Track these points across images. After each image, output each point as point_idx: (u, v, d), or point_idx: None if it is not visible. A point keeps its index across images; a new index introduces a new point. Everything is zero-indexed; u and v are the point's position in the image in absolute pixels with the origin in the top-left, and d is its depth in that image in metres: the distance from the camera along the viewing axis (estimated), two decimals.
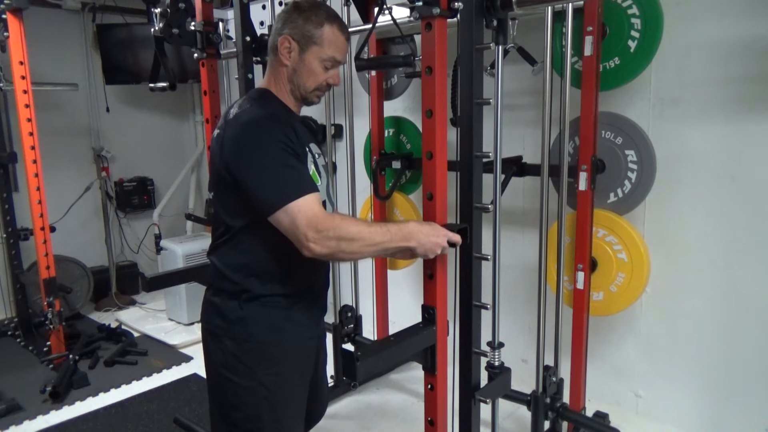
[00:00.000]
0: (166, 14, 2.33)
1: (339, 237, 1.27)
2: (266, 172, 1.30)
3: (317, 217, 1.28)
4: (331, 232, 1.27)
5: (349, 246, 1.29)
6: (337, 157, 3.46)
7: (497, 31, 1.48)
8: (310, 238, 1.26)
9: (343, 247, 1.28)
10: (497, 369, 1.64)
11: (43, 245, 3.18)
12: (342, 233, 1.28)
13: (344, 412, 2.70)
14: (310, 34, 1.41)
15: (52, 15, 4.03)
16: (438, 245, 1.35)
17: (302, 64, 1.43)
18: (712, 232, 2.24)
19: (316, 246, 1.27)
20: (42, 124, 3.23)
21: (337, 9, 2.65)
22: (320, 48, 1.42)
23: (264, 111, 1.39)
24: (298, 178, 1.31)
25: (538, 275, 2.16)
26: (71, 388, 2.99)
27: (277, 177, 1.30)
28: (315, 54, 1.42)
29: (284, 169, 1.30)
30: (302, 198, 1.28)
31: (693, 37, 2.18)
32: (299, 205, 1.27)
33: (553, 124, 2.11)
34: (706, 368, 2.32)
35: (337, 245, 1.28)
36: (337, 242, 1.28)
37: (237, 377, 1.42)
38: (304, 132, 1.47)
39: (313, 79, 1.44)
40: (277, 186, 1.29)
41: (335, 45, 1.43)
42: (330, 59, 1.44)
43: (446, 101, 1.47)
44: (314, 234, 1.26)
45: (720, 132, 2.17)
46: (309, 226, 1.26)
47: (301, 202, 1.28)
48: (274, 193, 1.29)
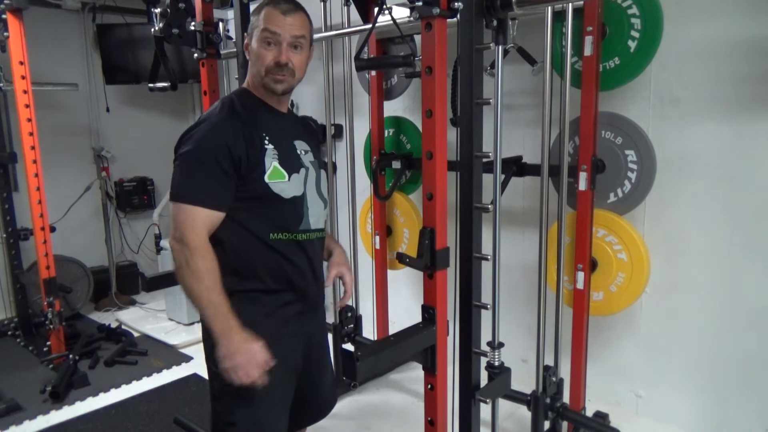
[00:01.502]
0: (166, 14, 2.32)
1: (186, 262, 1.33)
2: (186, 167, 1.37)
3: (193, 230, 1.33)
4: (187, 252, 1.32)
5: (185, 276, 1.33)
6: (337, 157, 3.46)
7: (497, 31, 1.48)
8: (176, 238, 1.33)
9: (181, 273, 1.34)
10: (497, 369, 1.64)
11: (43, 245, 3.18)
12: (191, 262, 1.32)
13: (344, 412, 2.70)
14: (252, 23, 1.47)
15: (52, 15, 4.03)
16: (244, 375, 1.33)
17: (252, 52, 1.47)
18: (712, 232, 2.24)
19: (175, 248, 1.34)
20: (42, 124, 3.23)
21: (337, 9, 2.69)
22: (258, 29, 1.45)
23: (217, 114, 1.43)
24: (208, 188, 1.36)
25: (538, 275, 2.16)
26: (71, 388, 2.99)
27: (192, 175, 1.36)
28: (256, 37, 1.45)
29: (202, 172, 1.35)
30: (198, 207, 1.34)
31: (693, 37, 2.18)
32: (191, 210, 1.34)
33: (553, 124, 2.11)
34: (706, 368, 2.32)
35: (180, 266, 1.33)
36: (182, 264, 1.33)
37: (217, 369, 1.42)
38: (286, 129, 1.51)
39: (260, 61, 1.45)
40: (188, 182, 1.36)
41: (267, 18, 1.44)
42: (265, 32, 1.43)
43: (446, 101, 1.47)
44: (179, 238, 1.33)
45: (720, 132, 2.17)
46: (181, 229, 1.33)
47: (195, 210, 1.34)
48: (181, 186, 1.36)
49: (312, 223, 1.50)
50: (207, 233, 1.36)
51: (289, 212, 1.46)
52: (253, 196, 1.41)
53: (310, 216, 1.49)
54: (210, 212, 1.36)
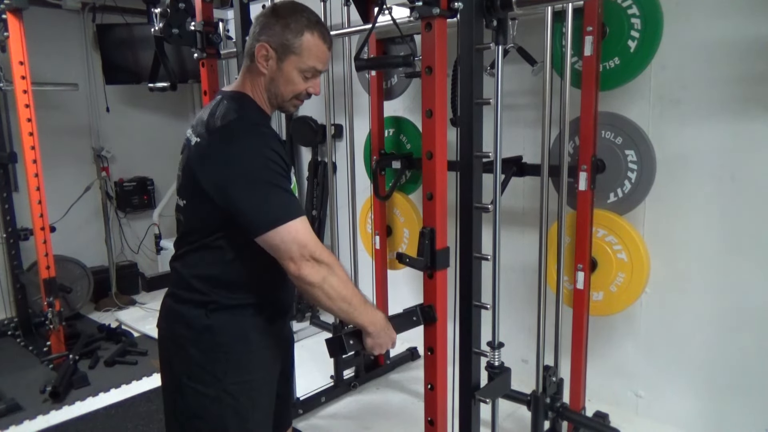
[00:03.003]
0: (166, 14, 2.33)
1: (332, 272, 1.29)
2: (258, 193, 1.26)
3: (315, 242, 1.28)
4: (325, 267, 1.28)
5: (332, 287, 1.29)
6: (337, 157, 3.46)
7: (497, 31, 1.48)
8: (306, 258, 1.25)
9: (328, 285, 1.28)
10: (497, 369, 1.64)
11: (43, 245, 3.18)
12: (337, 271, 1.30)
13: (344, 412, 2.70)
14: (288, 42, 1.34)
15: (52, 15, 4.03)
16: (386, 346, 1.40)
17: (280, 74, 1.37)
18: (712, 232, 2.24)
19: (309, 269, 1.26)
20: (42, 124, 3.23)
21: (337, 9, 2.69)
22: (299, 57, 1.35)
23: (253, 124, 1.35)
24: (287, 200, 1.28)
25: (538, 275, 2.16)
26: (71, 388, 2.99)
27: (269, 197, 1.26)
28: (293, 64, 1.35)
29: (274, 189, 1.27)
30: (296, 220, 1.26)
31: (693, 37, 2.18)
32: (295, 225, 1.26)
33: (553, 124, 2.11)
34: (706, 368, 2.32)
35: (324, 279, 1.28)
36: (327, 275, 1.28)
37: (202, 386, 1.38)
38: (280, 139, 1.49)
39: (291, 88, 1.39)
40: (270, 206, 1.26)
41: (315, 54, 1.36)
42: (310, 69, 1.37)
43: (446, 101, 1.47)
44: (310, 256, 1.26)
45: (720, 132, 2.17)
46: (304, 247, 1.26)
47: (298, 223, 1.26)
48: (266, 213, 1.26)
49: None
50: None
51: None
52: None
53: None
54: (305, 219, 1.30)
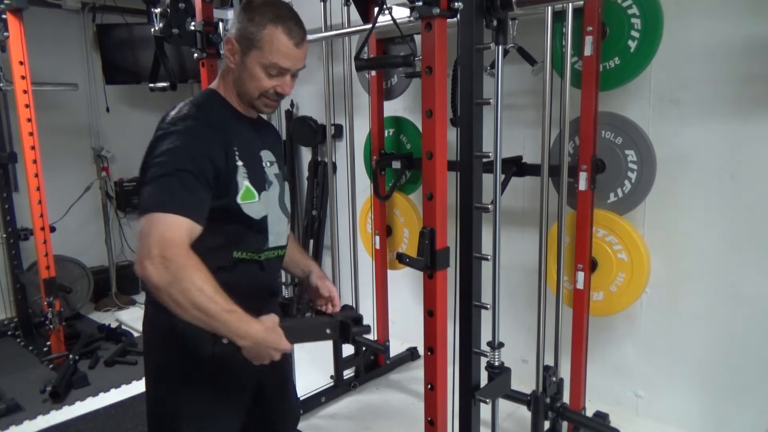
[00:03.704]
0: (166, 14, 2.32)
1: (177, 278, 1.11)
2: (159, 177, 1.19)
3: (173, 242, 1.13)
4: (174, 267, 1.11)
5: (179, 293, 1.11)
6: (337, 157, 3.46)
7: (497, 31, 1.48)
8: (152, 256, 1.10)
9: (174, 291, 1.11)
10: (497, 369, 1.64)
11: (43, 245, 3.18)
12: (183, 276, 1.11)
13: (344, 412, 2.70)
14: (251, 36, 1.28)
15: (52, 15, 4.03)
16: (269, 357, 1.22)
17: (244, 69, 1.31)
18: (712, 232, 2.24)
19: (152, 269, 1.10)
20: (42, 124, 3.23)
21: (337, 9, 2.69)
22: (261, 52, 1.28)
23: (194, 122, 1.27)
24: (185, 197, 1.18)
25: (538, 275, 2.16)
26: (71, 388, 2.99)
27: (166, 185, 1.18)
28: (256, 58, 1.29)
29: (178, 183, 1.18)
30: (174, 215, 1.15)
31: (693, 36, 2.18)
32: (166, 218, 1.14)
33: (553, 124, 2.11)
34: (706, 368, 2.32)
35: (170, 284, 1.11)
36: (172, 281, 1.11)
37: (166, 390, 1.37)
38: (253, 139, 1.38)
39: (255, 86, 1.32)
40: (160, 191, 1.18)
41: (278, 50, 1.28)
42: (273, 66, 1.29)
43: (446, 101, 1.47)
44: (158, 255, 1.11)
45: (720, 132, 2.17)
46: (158, 244, 1.11)
47: (170, 218, 1.14)
48: (152, 196, 1.18)
49: (272, 241, 1.39)
50: (190, 246, 1.17)
51: (257, 233, 1.36)
52: (221, 215, 1.27)
53: (270, 234, 1.38)
54: (192, 224, 1.17)
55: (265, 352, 1.21)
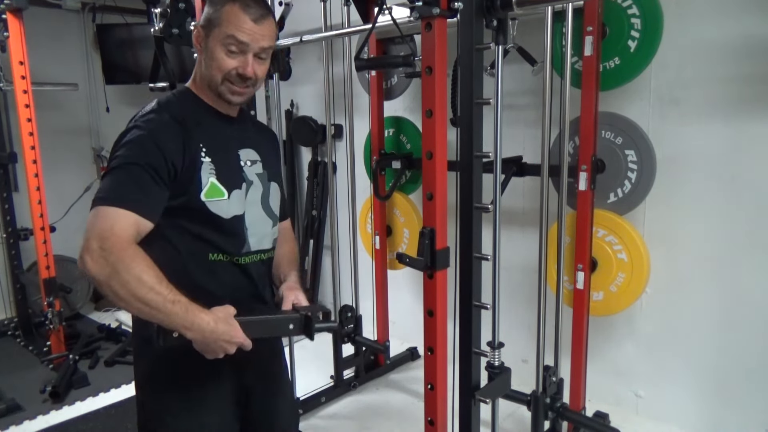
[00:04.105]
0: (166, 14, 2.32)
1: (116, 270, 1.09)
2: (112, 174, 1.19)
3: (113, 234, 1.11)
4: (113, 257, 1.09)
5: (120, 286, 1.09)
6: (337, 157, 3.46)
7: (497, 31, 1.48)
8: (90, 249, 1.09)
9: (114, 283, 1.09)
10: (497, 369, 1.64)
11: (43, 245, 3.18)
12: (122, 268, 1.09)
13: (344, 412, 2.70)
14: (211, 17, 1.27)
15: (52, 15, 4.03)
16: (222, 350, 1.17)
17: (207, 52, 1.28)
18: (712, 232, 2.24)
19: (90, 261, 1.09)
20: (42, 124, 3.23)
21: (337, 9, 2.69)
22: (219, 29, 1.25)
23: (153, 117, 1.26)
24: (133, 193, 1.16)
25: (538, 275, 2.16)
26: (71, 388, 2.99)
27: (116, 181, 1.17)
28: (215, 38, 1.26)
29: (128, 179, 1.17)
30: (119, 209, 1.13)
31: (693, 37, 2.18)
32: (110, 211, 1.13)
33: (553, 124, 2.11)
34: (707, 368, 2.32)
35: (109, 276, 1.09)
36: (111, 273, 1.09)
37: (147, 399, 1.34)
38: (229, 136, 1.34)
39: (215, 66, 1.27)
40: (110, 187, 1.17)
41: (233, 23, 1.24)
42: (230, 38, 1.24)
43: (446, 101, 1.47)
44: (97, 247, 1.09)
45: (720, 132, 2.17)
46: (98, 236, 1.10)
47: (114, 211, 1.13)
48: (100, 191, 1.17)
49: (253, 244, 1.34)
50: (134, 239, 1.14)
51: (230, 234, 1.30)
52: (188, 214, 1.25)
53: (249, 236, 1.33)
54: (137, 218, 1.15)
55: (216, 344, 1.16)
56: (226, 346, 1.17)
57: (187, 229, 1.26)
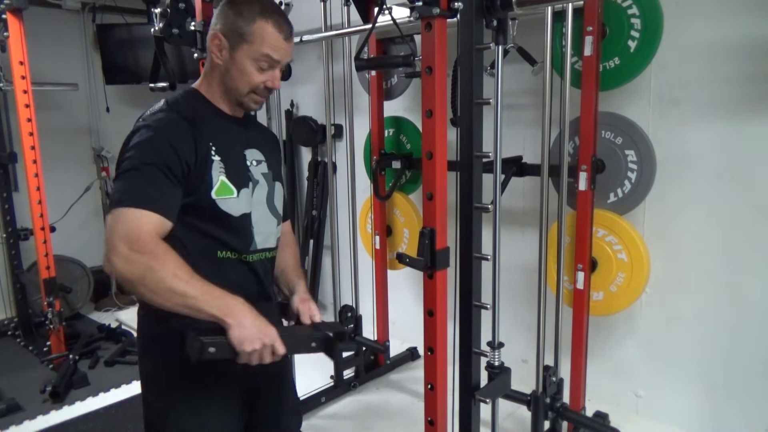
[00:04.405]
0: (166, 14, 2.32)
1: (150, 267, 1.11)
2: (127, 174, 1.20)
3: (140, 235, 1.13)
4: (145, 258, 1.11)
5: (154, 282, 1.11)
6: (337, 157, 3.46)
7: (497, 31, 1.48)
8: (117, 251, 1.11)
9: (149, 281, 1.11)
10: (497, 369, 1.64)
11: (43, 245, 3.18)
12: (156, 265, 1.12)
13: (344, 412, 2.70)
14: (240, 30, 1.28)
15: (52, 15, 4.03)
16: (260, 340, 1.16)
17: (233, 64, 1.30)
18: (712, 231, 2.24)
19: (120, 264, 1.11)
20: (42, 124, 3.23)
21: (337, 9, 2.69)
22: (251, 46, 1.28)
23: (164, 116, 1.27)
24: (152, 192, 1.18)
25: (538, 275, 2.16)
26: (71, 388, 2.99)
27: (132, 181, 1.19)
28: (246, 53, 1.29)
29: (144, 179, 1.18)
30: (140, 210, 1.15)
31: (693, 37, 2.18)
32: (132, 213, 1.14)
33: (553, 124, 2.11)
34: (706, 368, 2.32)
35: (143, 275, 1.11)
36: (145, 272, 1.11)
37: (154, 397, 1.36)
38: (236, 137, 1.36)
39: (245, 80, 1.31)
40: (126, 188, 1.18)
41: (269, 43, 1.28)
42: (264, 58, 1.29)
43: (446, 101, 1.47)
44: (125, 248, 1.11)
45: (720, 132, 2.17)
46: (124, 237, 1.12)
47: (136, 212, 1.14)
48: (117, 192, 1.18)
49: (259, 242, 1.36)
50: (160, 238, 1.17)
51: (238, 232, 1.32)
52: (198, 212, 1.26)
53: (256, 234, 1.35)
54: (159, 218, 1.17)
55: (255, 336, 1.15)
56: (263, 338, 1.17)
57: (196, 227, 1.27)
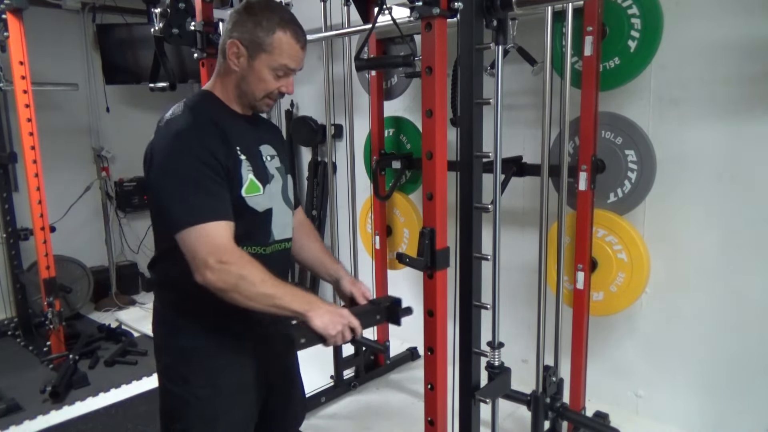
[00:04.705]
0: (166, 14, 2.32)
1: (241, 275, 1.22)
2: (180, 190, 1.26)
3: (224, 246, 1.23)
4: (234, 268, 1.22)
5: (247, 289, 1.23)
6: (337, 157, 3.46)
7: (497, 31, 1.48)
8: (209, 265, 1.21)
9: (242, 288, 1.23)
10: (497, 369, 1.64)
11: (43, 245, 3.18)
12: (245, 273, 1.23)
13: (344, 412, 2.70)
14: (260, 40, 1.33)
15: (52, 15, 4.03)
16: (339, 323, 1.30)
17: (251, 72, 1.36)
18: (712, 231, 2.24)
19: (213, 276, 1.21)
20: (42, 124, 3.23)
21: (337, 9, 2.69)
22: (270, 56, 1.34)
23: (192, 121, 1.32)
24: (212, 202, 1.26)
25: (538, 275, 2.16)
26: (71, 388, 2.99)
27: (190, 196, 1.25)
28: (265, 62, 1.35)
29: (199, 190, 1.25)
30: (212, 223, 1.24)
31: (693, 37, 2.18)
32: (207, 228, 1.23)
33: (553, 124, 2.11)
34: (706, 368, 2.32)
35: (236, 284, 1.22)
36: (237, 280, 1.22)
37: (174, 387, 1.41)
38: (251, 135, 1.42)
39: (262, 87, 1.37)
40: (189, 205, 1.25)
41: (287, 53, 1.35)
42: (282, 68, 1.36)
43: (446, 101, 1.47)
44: (215, 263, 1.21)
45: (719, 132, 2.17)
46: (211, 252, 1.21)
47: (211, 226, 1.23)
48: (182, 211, 1.24)
49: (277, 234, 1.44)
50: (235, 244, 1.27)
51: (261, 226, 1.40)
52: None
53: (274, 227, 1.42)
54: (228, 224, 1.27)
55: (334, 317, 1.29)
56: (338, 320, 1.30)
57: None
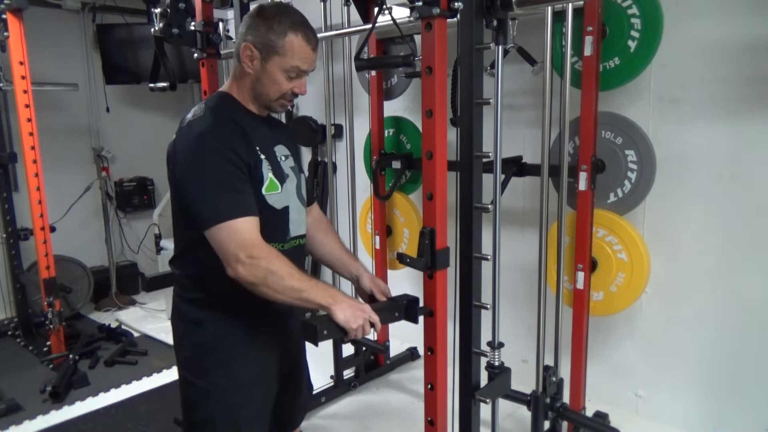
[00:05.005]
0: (166, 14, 2.33)
1: (270, 270, 1.27)
2: (208, 189, 1.30)
3: (253, 242, 1.28)
4: (263, 263, 1.27)
5: (276, 282, 1.28)
6: (337, 157, 3.46)
7: (497, 31, 1.48)
8: (240, 260, 1.26)
9: (270, 281, 1.28)
10: (497, 369, 1.64)
11: (43, 245, 3.18)
12: (274, 268, 1.28)
13: (344, 412, 2.70)
14: (272, 44, 1.37)
15: (52, 15, 4.03)
16: (361, 317, 1.34)
17: (265, 74, 1.40)
18: (712, 231, 2.24)
19: (244, 270, 1.26)
20: (42, 124, 3.23)
21: (337, 9, 2.69)
22: (283, 58, 1.38)
23: (214, 122, 1.36)
24: (239, 199, 1.31)
25: (538, 275, 2.16)
26: (71, 388, 3.00)
27: (217, 194, 1.30)
28: (278, 64, 1.39)
29: (226, 188, 1.30)
30: (240, 219, 1.28)
31: (693, 37, 2.18)
32: (236, 224, 1.28)
33: (553, 124, 2.11)
34: (706, 368, 2.32)
35: (265, 277, 1.27)
36: (266, 274, 1.27)
37: (195, 379, 1.45)
38: (267, 135, 1.46)
39: (276, 88, 1.42)
40: (217, 202, 1.29)
41: (299, 55, 1.39)
42: (294, 69, 1.40)
43: (446, 101, 1.47)
44: (246, 257, 1.26)
45: (719, 132, 2.17)
46: (241, 247, 1.26)
47: (239, 222, 1.28)
48: (211, 209, 1.29)
49: (293, 230, 1.48)
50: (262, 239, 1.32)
51: (279, 223, 1.44)
52: None
53: (291, 224, 1.47)
54: (254, 219, 1.31)
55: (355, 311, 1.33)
56: (359, 314, 1.34)
57: None
